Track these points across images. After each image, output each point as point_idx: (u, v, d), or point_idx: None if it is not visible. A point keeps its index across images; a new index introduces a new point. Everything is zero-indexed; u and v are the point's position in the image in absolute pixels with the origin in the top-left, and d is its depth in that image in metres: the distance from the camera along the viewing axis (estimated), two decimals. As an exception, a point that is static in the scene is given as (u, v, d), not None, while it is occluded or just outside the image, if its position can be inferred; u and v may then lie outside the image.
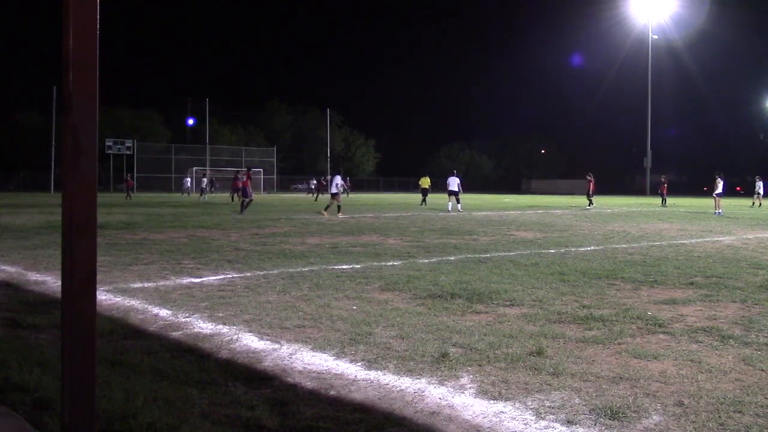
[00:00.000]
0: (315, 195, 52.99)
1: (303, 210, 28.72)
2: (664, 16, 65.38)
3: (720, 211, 28.05)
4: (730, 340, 5.34)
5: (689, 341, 5.34)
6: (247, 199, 25.11)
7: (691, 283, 8.32)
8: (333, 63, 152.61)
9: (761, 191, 36.34)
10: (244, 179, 25.87)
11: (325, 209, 24.08)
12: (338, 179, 24.80)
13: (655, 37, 67.56)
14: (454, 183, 28.73)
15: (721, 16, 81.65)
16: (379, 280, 8.29)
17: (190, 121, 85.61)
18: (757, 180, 36.91)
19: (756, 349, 5.07)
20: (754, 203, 36.23)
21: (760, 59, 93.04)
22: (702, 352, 5.01)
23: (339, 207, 23.80)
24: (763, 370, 4.51)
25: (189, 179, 47.39)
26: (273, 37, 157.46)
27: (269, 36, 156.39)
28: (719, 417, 3.62)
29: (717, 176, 30.01)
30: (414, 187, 55.49)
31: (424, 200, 36.09)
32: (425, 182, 36.87)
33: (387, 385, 4.17)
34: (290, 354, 4.84)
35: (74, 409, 2.45)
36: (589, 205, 32.98)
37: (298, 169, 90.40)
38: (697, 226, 20.18)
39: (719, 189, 29.39)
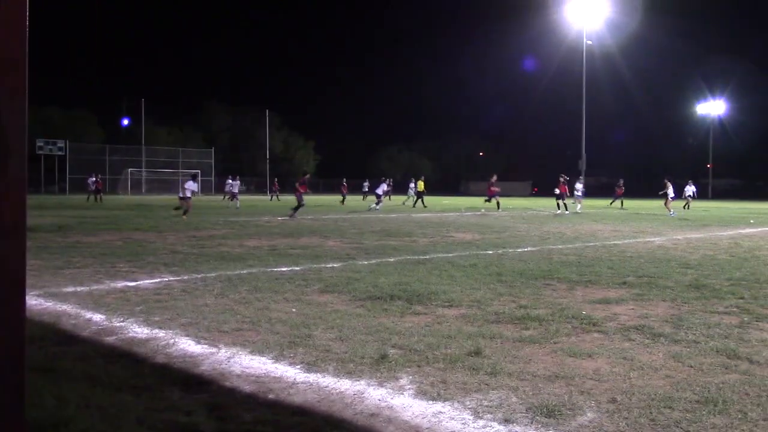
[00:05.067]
0: (273, 196, 52.70)
1: (242, 212, 28.42)
2: (599, 21, 66.90)
3: (673, 212, 28.88)
4: (661, 338, 5.49)
5: (622, 339, 5.47)
6: (299, 204, 24.45)
7: (624, 283, 8.54)
8: (272, 64, 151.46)
9: (692, 194, 37.29)
10: (301, 184, 25.25)
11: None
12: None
13: (590, 42, 69.11)
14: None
15: (653, 22, 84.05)
16: (318, 282, 8.26)
17: (125, 122, 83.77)
18: (689, 184, 37.85)
19: (685, 347, 5.23)
20: (685, 206, 37.07)
21: (689, 63, 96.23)
22: (634, 349, 5.14)
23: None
24: (691, 367, 4.66)
25: (93, 179, 45.38)
26: (211, 36, 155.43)
27: (207, 35, 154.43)
28: (650, 413, 3.72)
29: (666, 180, 30.94)
30: (356, 190, 55.50)
31: (419, 201, 37.58)
32: (420, 185, 38.33)
33: (326, 387, 4.15)
34: (228, 358, 4.78)
35: (2, 419, 2.37)
36: (558, 210, 30.13)
37: (236, 170, 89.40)
38: (630, 227, 20.72)
39: (671, 192, 30.30)
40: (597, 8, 65.34)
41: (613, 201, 39.70)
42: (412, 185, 40.01)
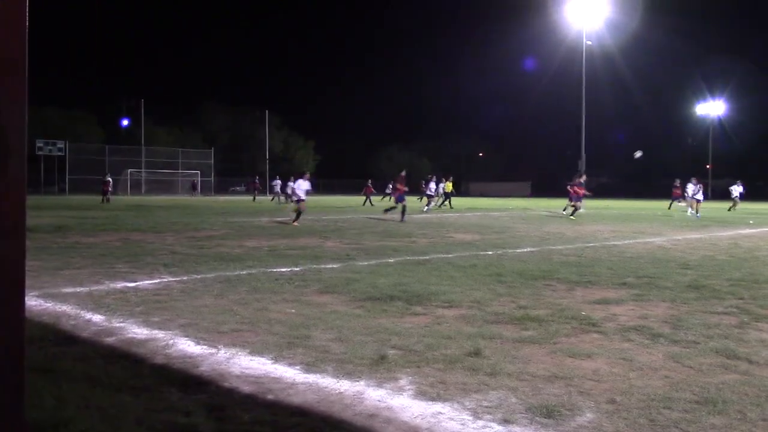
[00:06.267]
0: (254, 196, 52.62)
1: (242, 212, 28.42)
2: (599, 21, 66.93)
3: (697, 214, 28.63)
4: (660, 339, 5.49)
5: (621, 340, 5.48)
6: (401, 204, 23.57)
7: (624, 283, 8.54)
8: (272, 64, 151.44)
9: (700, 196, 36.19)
10: (398, 184, 24.44)
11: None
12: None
13: (589, 42, 69.12)
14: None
15: (653, 22, 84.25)
16: (317, 283, 8.26)
17: (125, 122, 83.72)
18: (693, 183, 37.15)
19: (684, 347, 5.23)
20: (731, 207, 36.18)
21: (689, 64, 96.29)
22: (633, 350, 5.15)
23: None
24: (690, 367, 4.66)
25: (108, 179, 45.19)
26: (210, 36, 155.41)
27: (206, 35, 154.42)
28: (649, 413, 3.72)
29: (691, 181, 30.68)
30: (356, 190, 55.49)
31: (447, 201, 38.17)
32: (449, 186, 38.91)
33: (325, 388, 4.15)
34: (227, 358, 4.78)
35: (2, 419, 2.37)
36: (564, 210, 29.23)
37: (236, 170, 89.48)
38: (630, 227, 20.72)
39: (691, 192, 30.15)
40: (597, 8, 65.38)
41: (672, 203, 38.42)
42: (434, 185, 35.73)
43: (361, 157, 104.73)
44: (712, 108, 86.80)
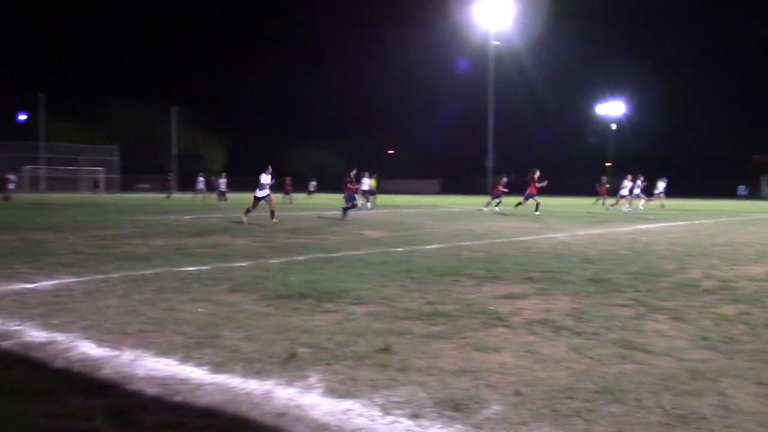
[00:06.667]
0: (168, 194, 51.47)
1: (149, 210, 27.68)
2: (506, 23, 68.49)
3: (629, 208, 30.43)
4: (563, 331, 5.67)
5: (526, 333, 5.62)
6: (351, 202, 22.83)
7: (529, 278, 8.77)
8: (180, 60, 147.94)
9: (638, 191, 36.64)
10: (351, 182, 23.43)
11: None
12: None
13: (497, 43, 70.64)
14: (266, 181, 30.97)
15: (558, 24, 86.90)
16: (227, 282, 8.13)
17: (22, 116, 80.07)
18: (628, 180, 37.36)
19: (585, 339, 5.41)
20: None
21: (591, 64, 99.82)
22: (538, 343, 5.29)
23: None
24: (591, 358, 4.83)
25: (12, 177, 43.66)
26: (116, 31, 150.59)
27: (112, 29, 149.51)
28: (553, 403, 3.84)
29: (627, 178, 32.23)
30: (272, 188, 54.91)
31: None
32: (373, 183, 36.57)
33: (234, 388, 4.09)
34: (132, 360, 4.65)
35: None
36: (516, 205, 29.57)
37: (142, 168, 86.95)
38: (535, 223, 21.29)
39: (635, 189, 31.70)
40: (503, 10, 66.90)
41: (597, 200, 39.75)
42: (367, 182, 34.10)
43: (273, 154, 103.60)
44: (612, 107, 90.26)
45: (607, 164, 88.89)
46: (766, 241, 15.23)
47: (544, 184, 27.24)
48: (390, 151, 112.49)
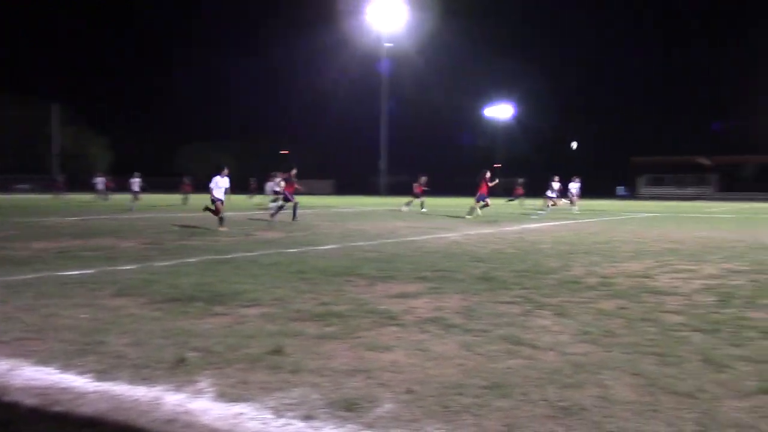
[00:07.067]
0: (57, 194, 49.33)
1: (30, 212, 26.34)
2: (399, 25, 69.36)
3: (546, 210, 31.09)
4: (454, 329, 5.78)
5: (418, 332, 5.70)
6: (291, 203, 22.28)
7: (421, 277, 8.90)
8: (63, 54, 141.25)
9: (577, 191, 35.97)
10: (287, 183, 22.52)
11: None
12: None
13: (390, 44, 71.41)
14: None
15: (450, 27, 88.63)
16: (112, 286, 7.84)
17: None
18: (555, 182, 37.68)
19: (475, 336, 5.54)
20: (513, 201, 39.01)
21: (482, 67, 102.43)
22: (429, 341, 5.37)
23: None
24: (480, 354, 4.95)
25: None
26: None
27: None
28: (443, 400, 3.91)
29: (554, 179, 32.69)
30: (162, 189, 53.32)
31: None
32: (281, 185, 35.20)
33: (120, 396, 3.95)
34: (8, 370, 4.40)
35: None
36: (407, 204, 32.00)
37: (20, 167, 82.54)
38: (428, 223, 21.64)
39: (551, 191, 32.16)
40: (396, 12, 67.67)
41: (512, 199, 40.97)
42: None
43: (164, 154, 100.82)
44: (501, 110, 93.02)
45: (496, 165, 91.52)
46: (642, 239, 16.05)
47: (496, 183, 27.29)
48: (284, 152, 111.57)
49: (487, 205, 26.55)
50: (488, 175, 26.47)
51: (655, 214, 31.03)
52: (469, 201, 37.99)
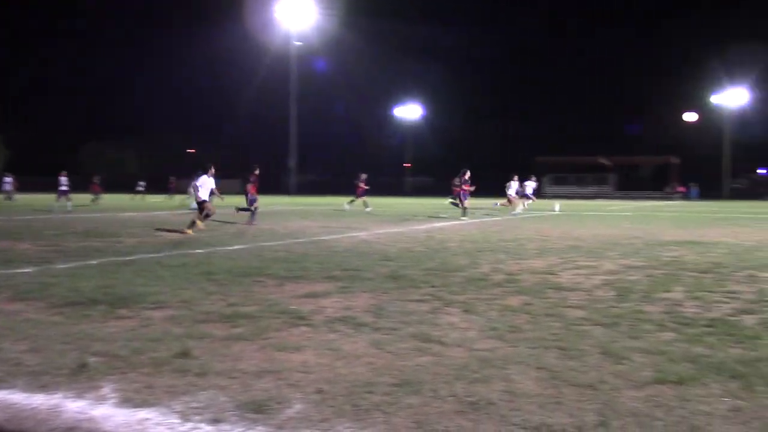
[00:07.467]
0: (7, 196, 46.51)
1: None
2: (308, 23, 69.05)
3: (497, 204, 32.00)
4: (363, 327, 5.81)
5: (328, 331, 5.69)
6: (253, 205, 21.46)
7: (331, 277, 8.89)
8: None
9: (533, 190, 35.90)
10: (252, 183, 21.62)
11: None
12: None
13: (299, 43, 71.01)
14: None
15: (359, 25, 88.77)
16: (7, 290, 7.50)
17: None
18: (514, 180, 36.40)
19: (384, 334, 5.58)
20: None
21: (392, 66, 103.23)
22: (339, 340, 5.38)
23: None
24: (390, 352, 4.99)
25: None
26: None
27: None
28: (353, 399, 3.92)
29: (513, 179, 32.72)
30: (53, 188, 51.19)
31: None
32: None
33: (16, 404, 3.78)
34: None
35: None
36: (349, 203, 32.21)
37: None
38: (338, 222, 21.65)
39: (511, 190, 32.27)
40: (305, 10, 67.36)
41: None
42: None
43: (61, 152, 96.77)
44: (409, 110, 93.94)
45: (405, 165, 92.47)
46: (547, 237, 16.53)
47: (472, 188, 26.24)
48: (191, 150, 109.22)
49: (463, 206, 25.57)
50: (467, 175, 25.79)
51: (558, 213, 32.00)
52: (377, 201, 38.18)
